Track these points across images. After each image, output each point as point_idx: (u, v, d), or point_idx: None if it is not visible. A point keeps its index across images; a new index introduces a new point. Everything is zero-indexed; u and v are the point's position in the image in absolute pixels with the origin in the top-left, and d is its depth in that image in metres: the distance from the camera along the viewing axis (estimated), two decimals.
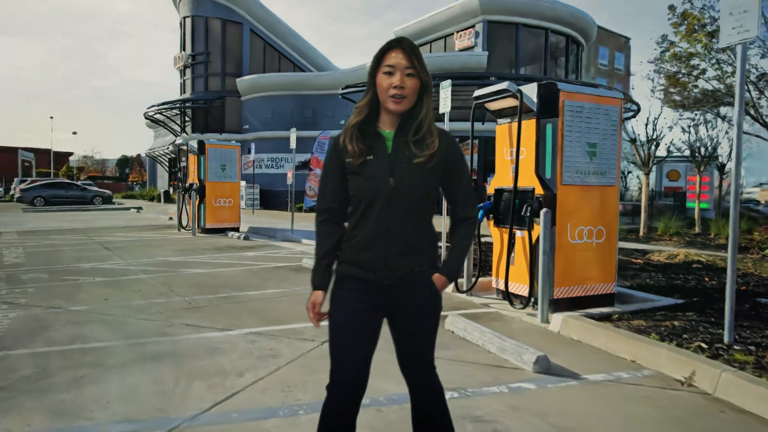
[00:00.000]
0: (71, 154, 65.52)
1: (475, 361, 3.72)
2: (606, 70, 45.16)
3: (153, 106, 29.19)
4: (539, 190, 5.14)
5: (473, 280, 6.01)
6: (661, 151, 16.72)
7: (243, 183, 20.86)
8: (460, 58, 20.15)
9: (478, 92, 5.59)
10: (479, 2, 19.99)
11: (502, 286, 5.68)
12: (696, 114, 16.73)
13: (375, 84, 1.80)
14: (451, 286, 6.10)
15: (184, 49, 29.37)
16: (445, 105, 7.27)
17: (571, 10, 21.04)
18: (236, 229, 12.95)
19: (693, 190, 20.83)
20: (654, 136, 13.32)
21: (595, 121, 5.29)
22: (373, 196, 1.75)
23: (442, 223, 6.34)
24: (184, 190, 13.38)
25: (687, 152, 15.61)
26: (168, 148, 31.40)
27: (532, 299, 5.18)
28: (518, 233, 5.40)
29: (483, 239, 6.26)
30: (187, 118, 29.20)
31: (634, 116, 18.53)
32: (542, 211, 4.86)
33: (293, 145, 12.30)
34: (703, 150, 14.71)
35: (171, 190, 31.07)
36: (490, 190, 5.88)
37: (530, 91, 5.20)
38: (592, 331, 4.25)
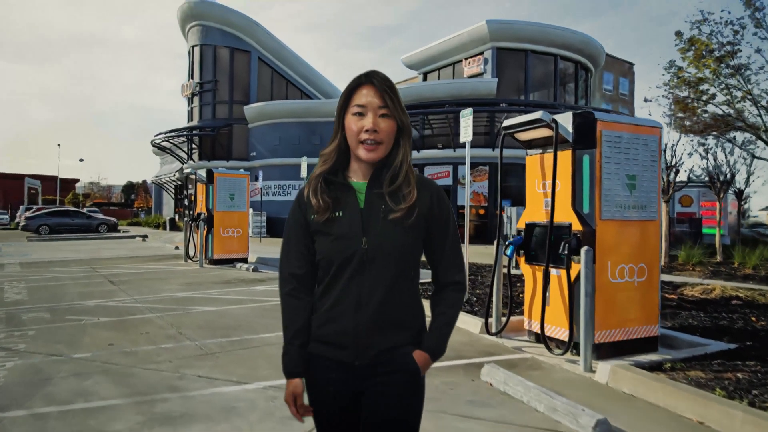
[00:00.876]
0: (78, 180, 65.77)
1: (525, 423, 3.32)
2: (611, 95, 45.25)
3: (160, 133, 29.21)
4: (576, 226, 4.80)
5: (503, 320, 5.61)
6: (680, 178, 16.41)
7: (250, 210, 20.63)
8: (470, 84, 20.05)
9: (508, 122, 5.29)
10: (488, 30, 19.99)
11: (535, 328, 5.29)
12: (707, 138, 16.53)
13: (343, 126, 1.53)
14: (480, 326, 5.71)
15: (192, 78, 29.50)
16: (466, 134, 6.99)
17: (580, 37, 21.01)
18: (244, 260, 12.59)
19: (708, 216, 20.44)
20: (673, 163, 13.00)
21: (633, 152, 4.97)
22: (343, 259, 1.48)
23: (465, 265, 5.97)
24: (191, 220, 13.09)
25: (705, 178, 15.28)
26: (174, 175, 31.31)
27: (572, 344, 4.78)
28: (553, 271, 5.03)
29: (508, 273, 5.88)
30: (194, 146, 29.15)
31: None
32: (583, 249, 4.49)
33: (304, 173, 12.05)
34: (721, 176, 14.37)
35: (177, 218, 30.84)
36: (520, 224, 5.54)
37: (565, 120, 4.90)
38: (647, 384, 3.84)
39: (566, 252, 4.72)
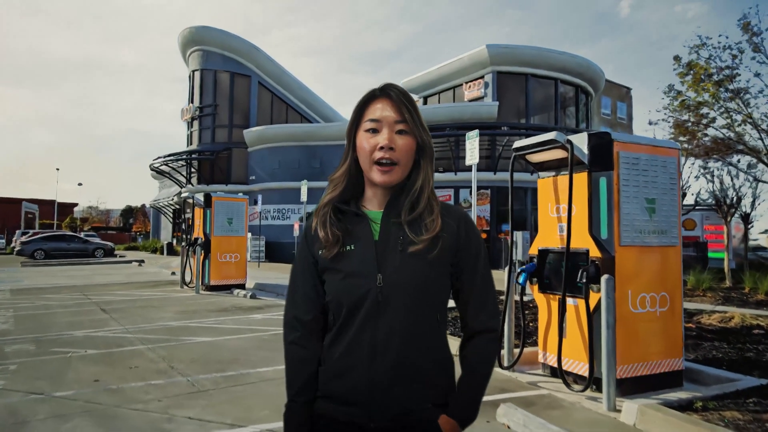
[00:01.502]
0: (76, 204, 65.56)
1: None
2: (609, 119, 45.44)
3: (159, 157, 29.08)
4: (594, 252, 4.51)
5: (517, 353, 5.28)
6: (688, 201, 16.21)
7: (249, 235, 20.35)
8: (471, 108, 19.99)
9: (519, 143, 5.05)
10: (489, 54, 20.02)
11: (551, 362, 4.97)
12: (708, 162, 16.45)
13: (355, 146, 1.34)
14: None
15: (192, 102, 29.52)
16: (472, 156, 6.75)
17: (580, 60, 21.05)
18: (242, 286, 12.24)
19: (713, 240, 20.15)
20: (681, 186, 12.77)
21: (652, 174, 4.72)
22: (356, 301, 1.26)
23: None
24: (188, 245, 12.78)
25: (711, 201, 15.08)
26: (173, 199, 31.08)
27: (592, 380, 4.44)
28: (570, 301, 4.73)
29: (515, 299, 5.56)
30: (193, 170, 29.00)
31: None
32: (604, 278, 4.20)
33: (304, 197, 11.82)
34: (728, 200, 14.15)
35: (174, 242, 30.51)
36: (532, 250, 5.25)
37: (579, 141, 4.66)
38: (680, 427, 3.50)
39: (584, 280, 4.43)
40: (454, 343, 1.67)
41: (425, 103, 23.79)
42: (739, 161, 17.71)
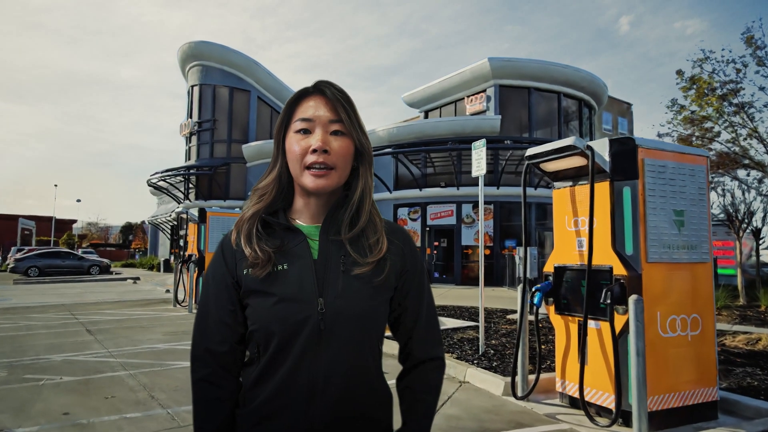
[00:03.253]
0: (75, 221, 65.13)
1: None
2: (610, 134, 45.30)
3: (157, 173, 28.75)
4: (619, 270, 4.07)
5: (530, 378, 4.81)
6: None
7: None
8: (473, 121, 19.65)
9: (532, 150, 4.64)
10: (491, 67, 19.74)
11: (570, 391, 4.50)
12: (713, 178, 16.14)
13: (284, 151, 1.19)
14: (503, 386, 4.91)
15: (191, 117, 29.29)
16: (479, 167, 6.34)
17: (583, 74, 20.76)
18: None
19: (723, 256, 19.67)
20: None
21: (680, 183, 4.30)
22: (291, 330, 1.09)
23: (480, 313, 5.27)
24: (182, 262, 12.33)
25: (722, 216, 14.67)
26: (170, 215, 30.68)
27: (620, 413, 3.97)
28: (592, 324, 4.27)
29: (527, 319, 5.09)
30: (191, 185, 28.65)
31: None
32: (632, 299, 3.75)
33: None
34: (739, 215, 13.74)
35: (171, 258, 30.03)
36: (548, 267, 4.82)
37: (600, 147, 4.25)
38: None
39: (609, 301, 3.98)
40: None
41: (426, 117, 23.51)
42: (748, 174, 17.34)
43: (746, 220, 14.31)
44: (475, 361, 5.80)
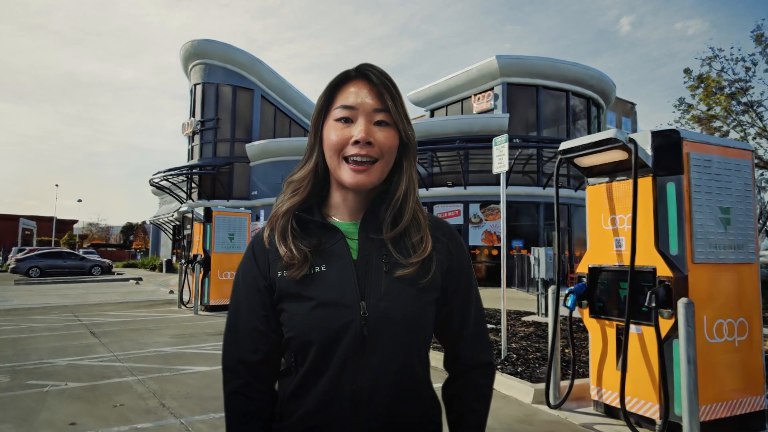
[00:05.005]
0: (76, 221, 64.93)
1: None
2: None
3: (159, 172, 28.51)
4: (663, 271, 3.82)
5: (563, 385, 4.55)
6: None
7: None
8: (481, 120, 19.39)
9: (566, 144, 4.38)
10: (498, 65, 19.48)
11: (607, 399, 4.24)
12: None
13: (322, 141, 1.07)
14: (533, 393, 4.65)
15: (194, 116, 29.06)
16: (501, 163, 6.11)
17: (592, 72, 20.49)
18: None
19: None
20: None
21: (726, 179, 4.05)
22: (332, 337, 0.98)
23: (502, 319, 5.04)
24: (187, 262, 12.07)
25: None
26: (173, 215, 30.44)
27: (667, 424, 3.71)
28: (633, 328, 4.01)
29: (557, 322, 4.84)
30: (193, 185, 28.40)
31: None
32: (682, 302, 3.50)
33: None
34: (764, 213, 13.52)
35: (174, 259, 29.79)
36: (581, 268, 4.56)
37: (642, 140, 4.00)
38: None
39: (653, 304, 3.72)
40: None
41: (432, 116, 23.25)
42: (762, 174, 17.06)
43: (760, 220, 14.08)
44: (498, 366, 5.54)
